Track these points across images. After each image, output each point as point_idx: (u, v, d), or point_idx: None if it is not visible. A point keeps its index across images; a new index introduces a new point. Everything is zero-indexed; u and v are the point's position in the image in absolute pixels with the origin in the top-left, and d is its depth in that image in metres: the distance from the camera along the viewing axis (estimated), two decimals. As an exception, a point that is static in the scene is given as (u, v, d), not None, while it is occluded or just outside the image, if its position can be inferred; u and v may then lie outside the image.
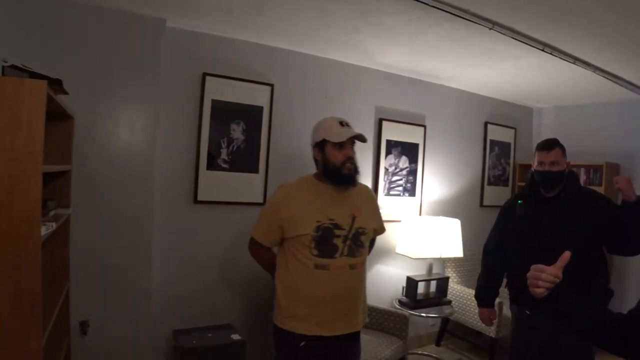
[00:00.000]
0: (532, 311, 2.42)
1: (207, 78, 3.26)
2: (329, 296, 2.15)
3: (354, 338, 2.34)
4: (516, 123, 5.32)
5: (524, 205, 2.57)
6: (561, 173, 2.45)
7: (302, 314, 2.16)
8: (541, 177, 2.47)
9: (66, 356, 2.53)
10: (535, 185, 2.53)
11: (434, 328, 4.58)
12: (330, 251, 2.14)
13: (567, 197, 2.45)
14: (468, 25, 2.76)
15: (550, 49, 3.09)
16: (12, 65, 1.66)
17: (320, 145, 2.22)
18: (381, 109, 4.18)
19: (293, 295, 2.18)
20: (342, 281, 2.17)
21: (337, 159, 2.16)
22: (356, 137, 2.22)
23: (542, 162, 2.46)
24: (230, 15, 2.91)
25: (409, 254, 3.94)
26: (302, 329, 2.15)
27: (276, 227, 2.20)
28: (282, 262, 2.26)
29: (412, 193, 4.40)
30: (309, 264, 2.13)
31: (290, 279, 2.19)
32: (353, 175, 2.20)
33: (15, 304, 1.57)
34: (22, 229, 1.57)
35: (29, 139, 1.56)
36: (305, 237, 2.12)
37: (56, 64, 2.57)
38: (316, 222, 2.13)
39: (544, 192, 2.51)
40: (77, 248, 2.65)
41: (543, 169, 2.46)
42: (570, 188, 2.47)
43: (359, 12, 2.73)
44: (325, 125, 2.24)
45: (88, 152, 2.78)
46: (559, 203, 2.45)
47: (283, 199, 2.24)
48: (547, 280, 1.30)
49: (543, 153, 2.48)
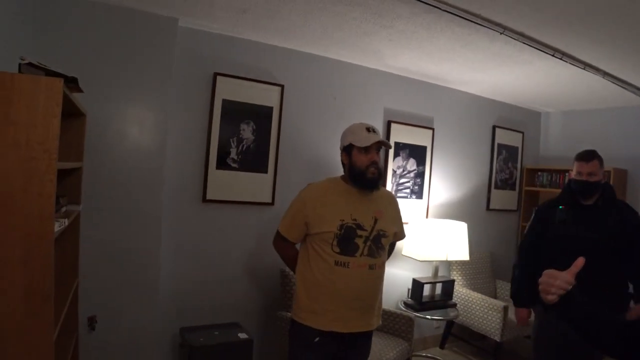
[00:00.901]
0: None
1: (218, 78, 3.28)
2: (347, 293, 2.21)
3: (367, 337, 2.39)
4: (524, 127, 5.31)
5: (565, 211, 2.66)
6: (597, 183, 2.57)
7: (320, 309, 2.22)
8: (579, 186, 2.60)
9: (75, 351, 2.55)
10: (572, 192, 2.65)
11: (438, 330, 4.57)
12: (351, 249, 2.20)
13: (604, 206, 2.58)
14: (479, 29, 2.77)
15: (560, 54, 3.09)
16: (28, 63, 1.68)
17: (347, 149, 2.30)
18: (390, 111, 4.19)
19: (313, 290, 2.24)
20: (360, 279, 2.23)
21: (362, 163, 2.24)
22: (381, 143, 2.29)
23: (580, 172, 2.59)
24: (243, 16, 2.93)
25: (415, 256, 3.95)
26: (318, 324, 2.22)
27: (301, 223, 2.28)
28: (304, 258, 2.32)
29: (420, 195, 4.40)
30: (329, 260, 2.20)
31: (311, 274, 2.25)
32: (377, 179, 2.27)
33: (27, 300, 1.59)
34: (36, 225, 1.59)
35: (44, 136, 1.58)
36: (329, 235, 2.19)
37: (68, 61, 2.59)
38: (340, 221, 2.20)
39: (581, 199, 2.62)
40: (86, 244, 2.67)
41: (581, 179, 2.58)
42: (607, 197, 2.60)
43: (371, 15, 2.74)
44: (352, 130, 2.32)
45: (99, 149, 2.80)
46: (597, 211, 2.58)
47: (310, 197, 2.30)
48: (560, 287, 1.29)
49: (582, 164, 2.60)
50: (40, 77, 1.63)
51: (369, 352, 2.45)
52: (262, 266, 3.49)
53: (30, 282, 1.60)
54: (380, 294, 2.39)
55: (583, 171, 2.58)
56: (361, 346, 2.38)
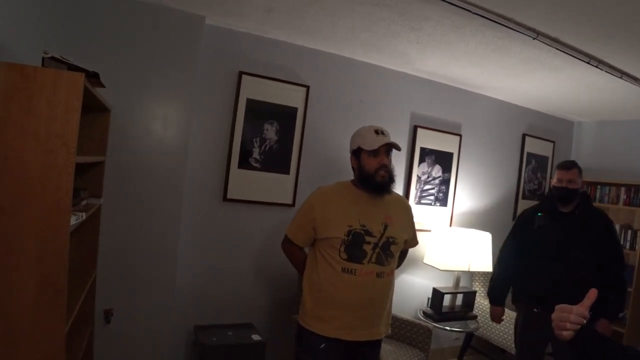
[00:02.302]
0: (539, 308, 2.79)
1: (243, 77, 3.27)
2: (353, 300, 2.16)
3: (374, 347, 2.34)
4: (555, 136, 5.15)
5: (543, 218, 2.89)
6: (576, 190, 2.79)
7: (326, 315, 2.18)
8: (559, 192, 2.82)
9: (89, 343, 2.58)
10: (553, 200, 2.87)
11: (457, 342, 4.47)
12: (358, 256, 2.15)
13: (581, 214, 2.80)
14: (511, 34, 2.68)
15: (596, 62, 2.98)
16: (51, 57, 1.69)
17: (356, 153, 2.26)
18: (417, 116, 4.11)
19: (318, 296, 2.21)
20: (367, 288, 2.16)
21: (371, 166, 2.18)
22: (390, 145, 2.21)
23: (560, 179, 2.81)
24: (269, 15, 2.91)
25: (436, 264, 3.87)
26: (323, 331, 2.18)
27: (309, 227, 2.24)
28: (311, 263, 2.29)
29: (444, 203, 4.32)
30: (336, 267, 2.15)
31: (317, 280, 2.21)
32: (387, 182, 2.21)
33: (41, 291, 1.60)
34: (52, 218, 1.60)
35: (64, 129, 1.59)
36: (336, 240, 2.15)
37: (95, 56, 2.62)
38: (348, 227, 2.15)
39: (561, 207, 2.83)
40: (106, 237, 2.71)
41: (561, 185, 2.80)
42: (584, 206, 2.82)
43: (399, 17, 2.69)
44: (360, 133, 2.27)
45: (123, 144, 2.82)
46: (575, 218, 2.80)
47: (318, 201, 2.27)
48: (575, 322, 1.21)
49: (563, 171, 2.83)
50: (62, 71, 1.64)
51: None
52: (280, 268, 3.46)
53: (45, 273, 1.61)
54: (390, 302, 2.33)
55: (563, 178, 2.80)
56: (368, 355, 2.33)
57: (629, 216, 4.57)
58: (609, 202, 4.60)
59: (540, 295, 2.79)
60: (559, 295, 2.54)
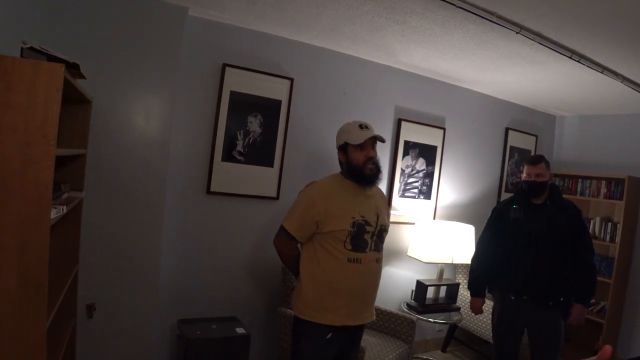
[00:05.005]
0: (516, 297, 2.93)
1: (227, 69, 3.24)
2: (360, 287, 2.30)
3: (362, 329, 2.50)
4: (538, 130, 5.21)
5: (518, 210, 3.00)
6: (545, 183, 2.92)
7: (334, 306, 2.26)
8: (528, 186, 2.94)
9: (71, 338, 2.55)
10: (524, 193, 2.99)
11: (441, 334, 4.53)
12: (361, 246, 2.27)
13: (552, 205, 2.94)
14: (494, 28, 2.70)
15: (578, 57, 3.02)
16: (30, 48, 1.65)
17: (343, 148, 2.36)
18: (401, 109, 4.13)
19: (324, 289, 2.27)
20: (370, 273, 2.33)
21: (359, 160, 2.30)
22: (375, 138, 2.32)
23: (529, 174, 2.93)
24: (253, 7, 2.89)
25: (420, 257, 3.90)
26: (331, 320, 2.26)
27: (312, 222, 2.27)
28: (311, 257, 2.32)
29: (428, 196, 4.35)
30: (342, 258, 2.24)
31: (322, 273, 2.27)
32: (375, 174, 2.32)
33: (21, 285, 1.57)
34: (32, 211, 1.56)
35: (44, 121, 1.55)
36: (342, 233, 2.23)
37: (76, 47, 2.58)
38: (351, 219, 2.25)
39: (533, 199, 2.96)
40: (88, 231, 2.67)
41: (530, 180, 2.92)
42: (555, 197, 2.97)
43: (383, 9, 2.69)
44: (345, 129, 2.38)
45: (104, 137, 2.78)
46: (547, 208, 2.93)
47: (319, 195, 2.30)
48: None
49: (531, 166, 2.94)
50: (41, 62, 1.60)
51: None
52: (264, 261, 3.46)
53: (25, 267, 1.57)
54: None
55: (532, 173, 2.92)
56: (358, 335, 2.49)
57: (609, 209, 4.65)
58: (590, 195, 4.67)
59: (517, 283, 2.93)
60: (535, 283, 2.87)
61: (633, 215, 4.43)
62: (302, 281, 2.33)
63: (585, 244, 2.91)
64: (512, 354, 3.04)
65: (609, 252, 4.51)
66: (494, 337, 3.17)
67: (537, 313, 2.87)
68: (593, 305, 4.42)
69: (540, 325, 2.91)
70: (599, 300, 4.41)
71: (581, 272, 2.89)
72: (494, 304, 3.20)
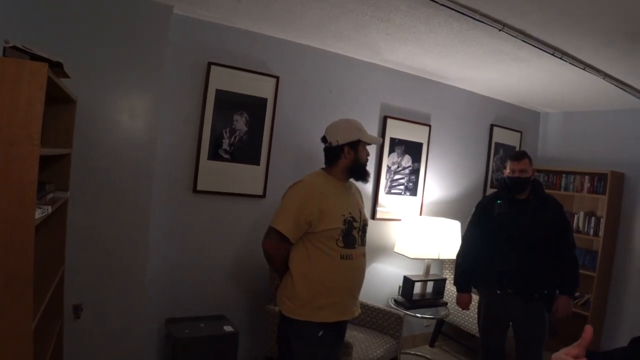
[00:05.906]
0: (502, 290, 2.98)
1: (212, 67, 3.24)
2: (352, 283, 2.35)
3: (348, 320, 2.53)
4: (522, 127, 5.27)
5: (502, 205, 3.04)
6: (528, 179, 2.97)
7: (325, 304, 2.27)
8: (512, 182, 2.99)
9: (58, 339, 2.53)
10: (508, 188, 3.04)
11: (428, 329, 4.57)
12: (351, 242, 2.30)
13: (535, 200, 2.98)
14: (478, 25, 2.73)
15: (560, 54, 3.06)
16: (13, 47, 1.64)
17: (354, 144, 2.35)
18: (387, 107, 4.15)
19: (317, 287, 2.27)
20: (360, 268, 2.38)
21: (364, 158, 2.40)
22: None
23: (513, 170, 2.98)
24: (238, 5, 2.88)
25: (407, 253, 3.93)
26: (324, 318, 2.27)
27: (305, 222, 2.24)
28: (302, 256, 2.30)
29: (414, 192, 4.38)
30: (334, 255, 2.26)
31: (314, 272, 2.27)
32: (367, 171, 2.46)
33: (6, 286, 1.56)
34: (16, 212, 1.55)
35: (27, 121, 1.54)
36: (335, 231, 2.25)
37: (60, 46, 2.55)
38: (342, 216, 2.28)
39: (516, 194, 3.01)
40: (75, 231, 2.65)
41: (513, 176, 2.97)
42: (538, 192, 3.02)
43: (368, 7, 2.70)
44: (357, 126, 2.40)
45: (90, 136, 2.76)
46: (530, 203, 2.98)
47: (310, 195, 2.27)
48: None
49: (514, 162, 2.99)
50: (24, 61, 1.59)
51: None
52: (251, 259, 3.46)
53: (10, 267, 1.56)
54: None
55: (515, 169, 2.96)
56: (344, 332, 2.54)
57: (592, 203, 4.72)
58: (574, 190, 4.73)
59: (502, 277, 2.97)
60: (520, 276, 2.93)
61: (616, 210, 4.50)
62: (294, 281, 2.28)
63: (567, 238, 2.97)
64: (499, 349, 3.08)
65: (593, 246, 4.59)
66: (481, 332, 3.22)
67: (522, 307, 2.91)
68: (578, 299, 4.49)
69: (525, 319, 2.95)
70: (584, 293, 4.49)
71: (564, 265, 2.95)
72: (480, 298, 3.26)
